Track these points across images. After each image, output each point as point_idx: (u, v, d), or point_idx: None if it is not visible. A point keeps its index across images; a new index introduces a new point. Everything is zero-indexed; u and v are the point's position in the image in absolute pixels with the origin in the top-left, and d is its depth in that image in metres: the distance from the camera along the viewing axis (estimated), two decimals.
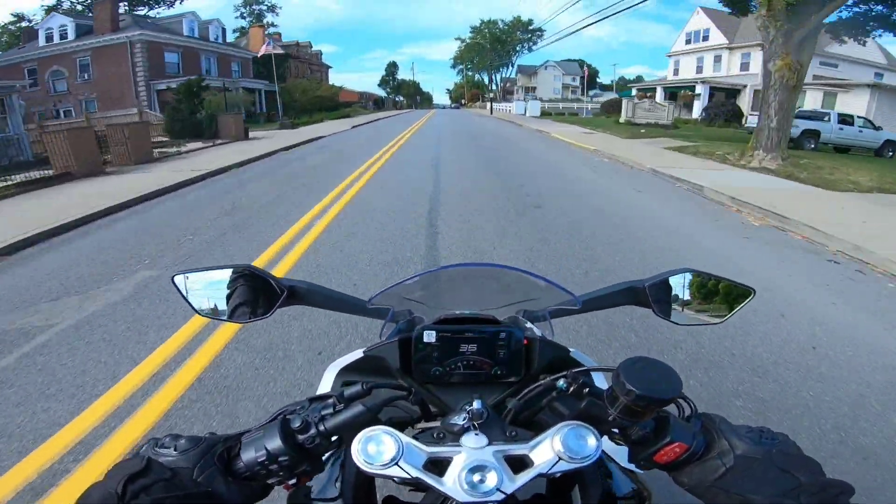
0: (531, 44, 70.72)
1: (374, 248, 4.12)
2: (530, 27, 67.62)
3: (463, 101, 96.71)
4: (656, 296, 0.78)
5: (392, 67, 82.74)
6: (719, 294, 0.78)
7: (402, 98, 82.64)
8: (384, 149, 12.18)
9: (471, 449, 0.53)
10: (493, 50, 68.83)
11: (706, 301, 0.78)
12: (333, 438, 0.56)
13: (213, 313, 0.73)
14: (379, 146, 12.77)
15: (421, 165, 9.33)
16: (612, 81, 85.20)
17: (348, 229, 4.77)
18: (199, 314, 0.73)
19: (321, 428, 0.55)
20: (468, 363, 0.70)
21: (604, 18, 46.80)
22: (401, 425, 0.58)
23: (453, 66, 79.52)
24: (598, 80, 74.40)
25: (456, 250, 4.04)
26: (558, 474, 0.53)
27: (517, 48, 70.56)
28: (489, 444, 0.54)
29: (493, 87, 78.23)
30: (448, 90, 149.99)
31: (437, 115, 38.64)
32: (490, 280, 0.91)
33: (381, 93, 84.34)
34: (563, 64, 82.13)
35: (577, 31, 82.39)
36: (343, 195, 6.35)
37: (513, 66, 73.58)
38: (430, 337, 0.69)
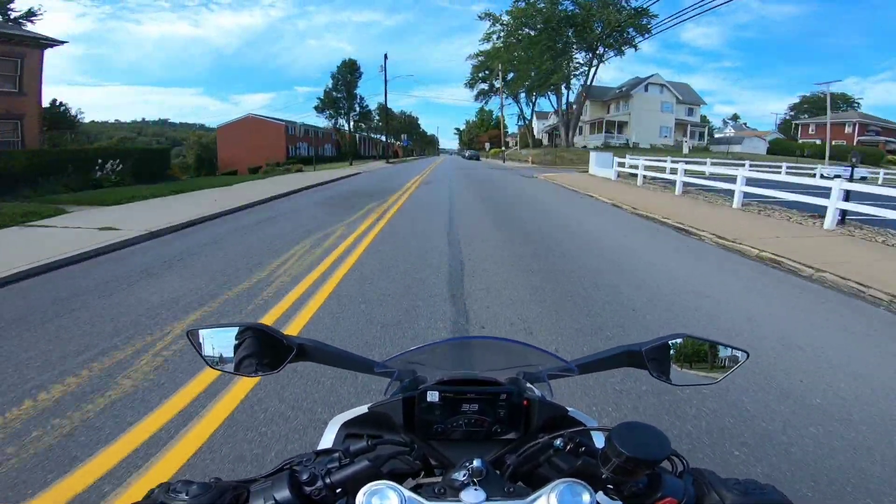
0: (631, 36, 34.51)
1: None
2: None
3: (483, 146, 73.41)
4: (653, 358, 0.82)
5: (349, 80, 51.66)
6: (713, 357, 0.83)
7: (384, 137, 54.14)
8: None
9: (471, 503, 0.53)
10: (553, 44, 34.84)
11: (701, 363, 0.82)
12: (338, 491, 0.58)
13: (223, 366, 0.77)
14: None
15: None
16: (727, 123, 54.90)
17: None
18: (211, 367, 0.76)
19: (328, 481, 0.58)
20: (469, 421, 0.73)
21: None
22: (402, 477, 0.61)
23: (470, 86, 49.06)
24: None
25: None
26: None
27: (608, 37, 34.37)
28: (488, 499, 0.56)
29: (544, 121, 55.96)
30: (458, 130, 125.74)
31: (444, 175, 22.94)
32: (492, 347, 0.94)
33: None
34: (678, 87, 43.43)
35: None
36: None
37: (569, 88, 39.34)
38: (433, 397, 0.72)
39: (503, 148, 53.93)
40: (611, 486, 0.59)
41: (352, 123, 50.21)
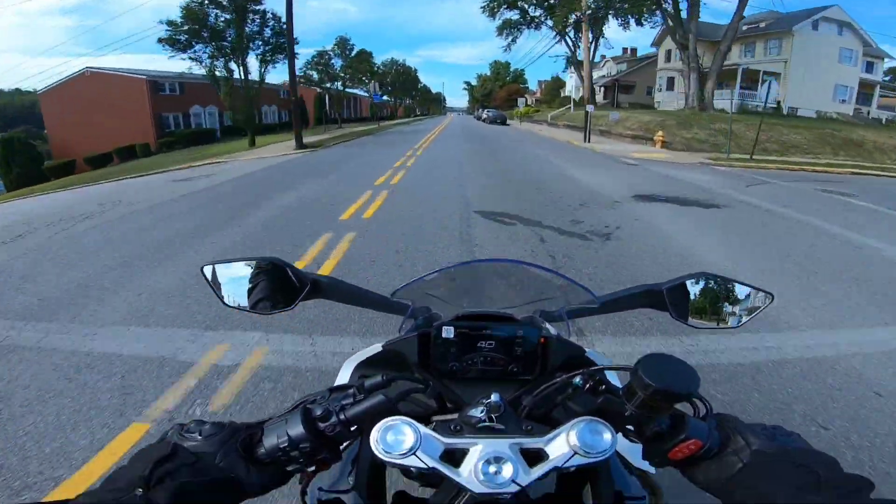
0: None
1: None
2: None
3: (500, 105, 61.05)
4: (673, 299, 0.83)
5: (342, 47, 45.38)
6: (736, 297, 0.82)
7: (380, 94, 50.34)
8: None
9: (487, 440, 0.58)
10: None
11: (723, 304, 0.83)
12: (353, 428, 0.61)
13: (237, 303, 0.82)
14: None
15: None
16: None
17: None
18: (224, 304, 0.82)
19: (342, 417, 0.61)
20: (485, 359, 0.77)
21: None
22: (416, 419, 0.66)
23: (490, 14, 39.28)
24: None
25: None
26: (573, 468, 0.57)
27: None
28: (505, 436, 0.58)
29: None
30: (468, 85, 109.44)
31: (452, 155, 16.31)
32: (510, 278, 1.03)
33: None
34: (853, 31, 32.60)
35: None
36: None
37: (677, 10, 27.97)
38: (448, 333, 0.76)
39: (530, 106, 42.07)
40: (631, 428, 0.61)
41: (242, 68, 26.63)
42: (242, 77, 25.48)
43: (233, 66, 25.00)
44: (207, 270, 0.82)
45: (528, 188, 9.20)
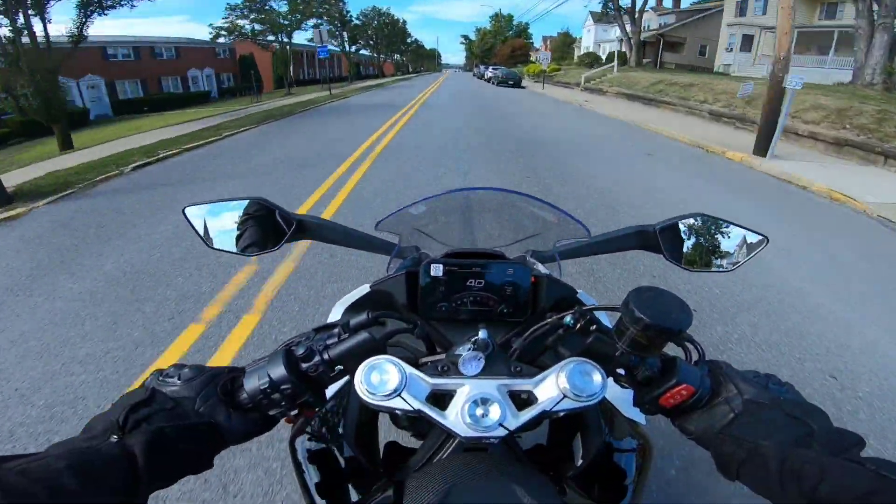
0: None
1: None
2: None
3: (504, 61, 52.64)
4: (667, 240, 0.81)
5: None
6: (731, 240, 0.80)
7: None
8: None
9: (475, 381, 0.57)
10: None
11: (718, 247, 0.81)
12: (338, 368, 0.61)
13: (224, 246, 0.81)
14: None
15: None
16: None
17: None
18: (209, 246, 0.81)
19: (325, 356, 0.61)
20: (475, 299, 0.76)
21: None
22: (405, 362, 0.71)
23: None
24: None
25: None
26: (562, 413, 0.56)
27: None
28: (493, 377, 0.58)
29: None
30: (465, 39, 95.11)
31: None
32: (500, 212, 1.01)
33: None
34: None
35: None
36: None
37: None
38: (437, 270, 0.75)
39: (551, 65, 33.13)
40: (622, 373, 0.60)
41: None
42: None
43: None
44: (191, 211, 0.80)
45: None
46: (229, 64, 36.95)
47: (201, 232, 0.79)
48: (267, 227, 0.80)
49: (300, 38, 37.26)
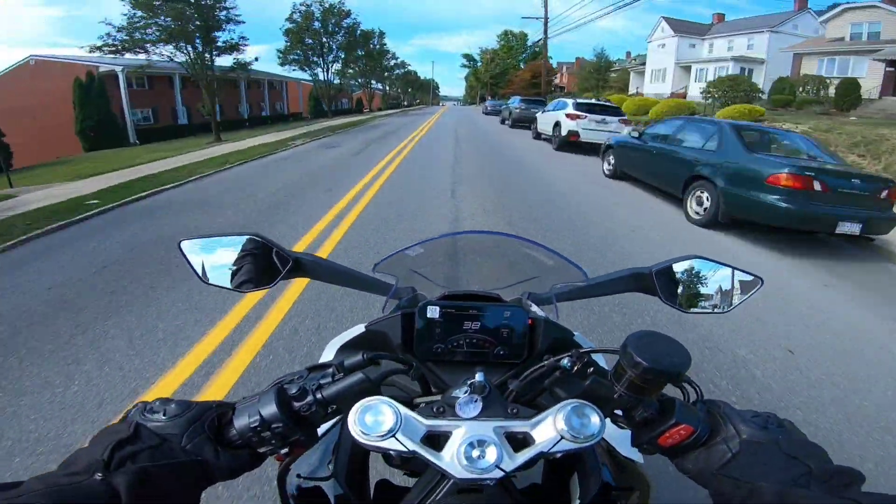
0: None
1: None
2: None
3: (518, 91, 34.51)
4: (662, 282, 0.82)
5: None
6: (726, 281, 0.82)
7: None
8: None
9: (471, 423, 0.57)
10: None
11: (713, 288, 0.82)
12: (330, 408, 0.60)
13: (218, 280, 0.80)
14: None
15: None
16: None
17: None
18: (203, 281, 0.80)
19: (318, 396, 0.60)
20: (471, 341, 0.76)
21: None
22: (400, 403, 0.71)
23: None
24: None
25: None
26: (559, 454, 0.56)
27: None
28: (490, 419, 0.58)
29: None
30: (469, 60, 76.54)
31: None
32: (497, 255, 1.02)
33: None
34: None
35: None
36: None
37: None
38: (433, 312, 0.75)
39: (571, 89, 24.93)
40: (620, 413, 0.60)
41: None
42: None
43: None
44: (186, 245, 0.79)
45: None
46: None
47: (197, 268, 0.78)
48: (263, 264, 0.79)
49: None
